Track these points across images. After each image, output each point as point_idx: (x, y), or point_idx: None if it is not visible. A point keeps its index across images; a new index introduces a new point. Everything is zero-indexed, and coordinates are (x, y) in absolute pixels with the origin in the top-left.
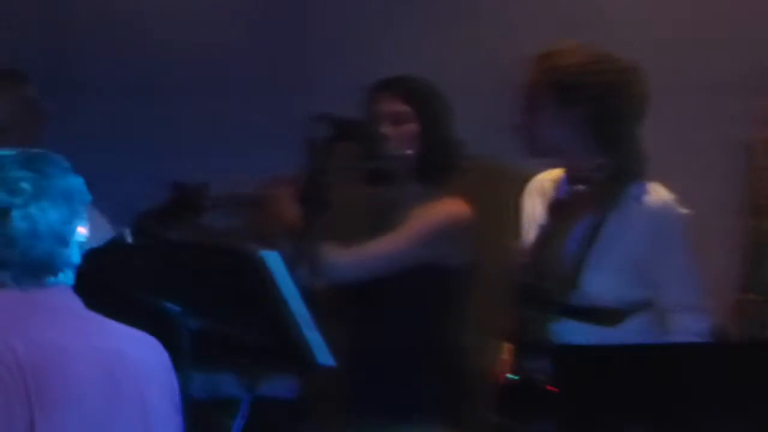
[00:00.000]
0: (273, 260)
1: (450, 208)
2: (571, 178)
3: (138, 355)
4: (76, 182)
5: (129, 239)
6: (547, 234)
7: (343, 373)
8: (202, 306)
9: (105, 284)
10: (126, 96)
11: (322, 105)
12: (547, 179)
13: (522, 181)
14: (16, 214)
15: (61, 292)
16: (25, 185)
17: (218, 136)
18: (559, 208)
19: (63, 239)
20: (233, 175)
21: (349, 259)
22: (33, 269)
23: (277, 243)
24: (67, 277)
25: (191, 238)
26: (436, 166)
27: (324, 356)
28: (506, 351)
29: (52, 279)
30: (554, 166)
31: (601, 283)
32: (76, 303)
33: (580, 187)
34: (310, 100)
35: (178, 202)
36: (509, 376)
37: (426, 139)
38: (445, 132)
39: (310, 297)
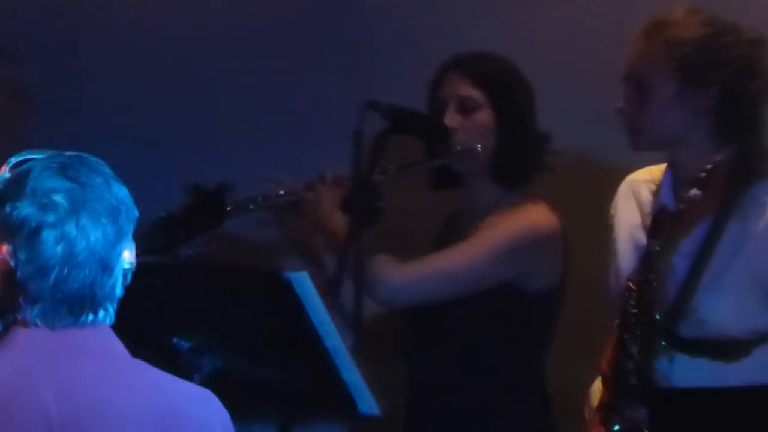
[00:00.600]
0: (302, 284)
1: (533, 216)
2: (681, 178)
3: (196, 414)
4: (122, 193)
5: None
6: (649, 248)
7: (402, 418)
8: (219, 341)
9: None
10: (134, 83)
11: (377, 90)
12: (642, 180)
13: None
14: (48, 234)
15: (101, 334)
16: (60, 198)
17: (247, 128)
18: (664, 215)
19: (107, 266)
20: (264, 174)
21: (407, 277)
22: (69, 304)
23: (317, 258)
24: (109, 314)
25: (206, 253)
26: (516, 164)
27: (367, 403)
28: (601, 394)
29: (91, 317)
30: (660, 162)
31: (719, 309)
32: (119, 347)
33: (694, 191)
34: (360, 84)
35: (195, 209)
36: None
37: (502, 130)
38: (526, 122)
39: (357, 325)
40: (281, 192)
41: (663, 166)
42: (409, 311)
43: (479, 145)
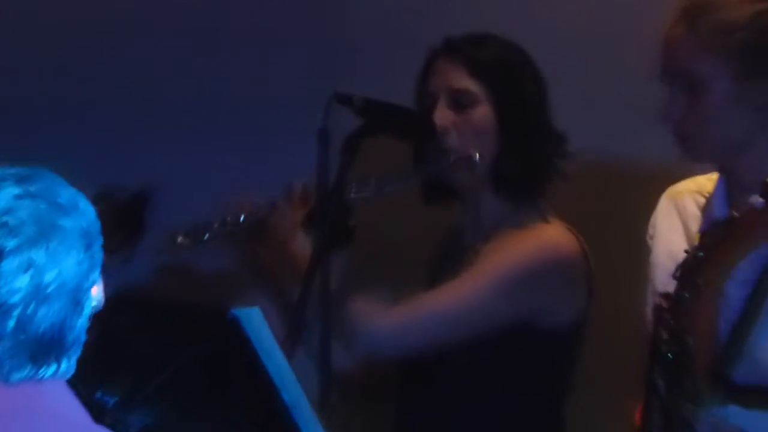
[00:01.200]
0: (252, 322)
1: (547, 238)
2: (740, 189)
3: None
4: (92, 214)
5: None
6: (688, 257)
7: None
8: (151, 393)
9: None
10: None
11: (351, 81)
12: (687, 191)
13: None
14: (9, 263)
15: (61, 392)
16: (25, 217)
17: (198, 125)
18: (716, 234)
19: (78, 302)
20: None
21: (392, 325)
22: (32, 350)
23: (284, 294)
24: (71, 367)
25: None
26: (523, 173)
27: None
28: None
29: (53, 368)
30: (709, 170)
31: None
32: (79, 411)
33: (758, 200)
34: (331, 74)
35: (108, 221)
36: None
37: (505, 131)
38: (535, 120)
39: (324, 372)
40: (242, 217)
41: (713, 176)
42: (399, 362)
43: (477, 153)
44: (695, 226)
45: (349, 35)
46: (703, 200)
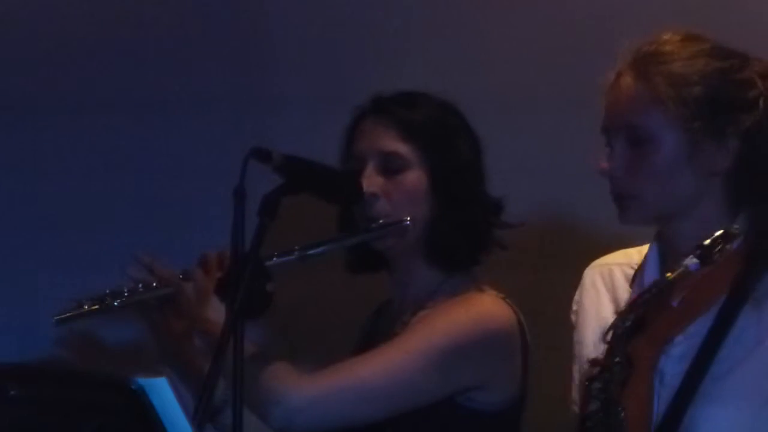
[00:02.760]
0: (159, 393)
1: (480, 308)
2: (673, 257)
3: None
4: None
5: None
6: (616, 325)
7: None
8: None
9: None
10: None
11: (271, 137)
12: (614, 264)
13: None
14: None
15: None
16: None
17: (100, 184)
18: (647, 299)
19: None
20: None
21: (310, 394)
22: None
23: (195, 369)
24: None
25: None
26: (456, 241)
27: None
28: None
29: None
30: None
31: (721, 425)
32: None
33: (693, 261)
34: (250, 127)
35: None
36: None
37: (438, 197)
38: (469, 185)
39: None
40: (153, 284)
41: (643, 248)
42: None
43: (407, 218)
44: (625, 297)
45: (271, 87)
46: (631, 272)
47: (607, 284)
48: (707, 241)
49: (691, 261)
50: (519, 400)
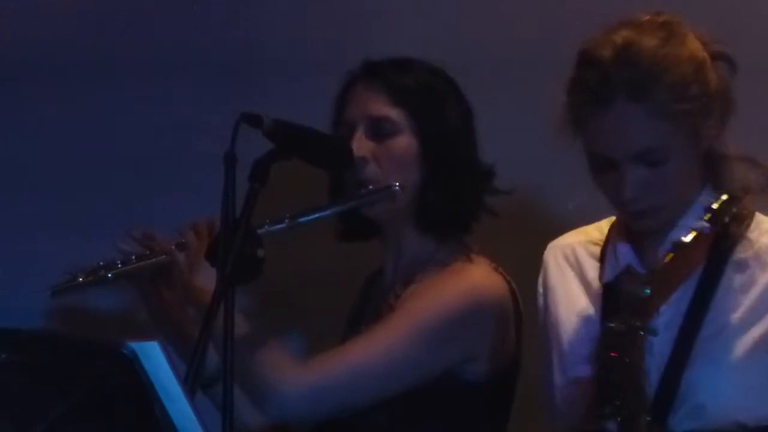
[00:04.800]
0: (151, 357)
1: (471, 279)
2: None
3: None
4: None
5: None
6: (618, 319)
7: None
8: None
9: None
10: None
11: (260, 102)
12: (576, 242)
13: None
14: None
15: None
16: None
17: (93, 155)
18: (628, 279)
19: None
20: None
21: (306, 383)
22: None
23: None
24: None
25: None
26: (446, 208)
27: None
28: None
29: None
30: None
31: (722, 389)
32: None
33: (682, 239)
34: (239, 94)
35: None
36: None
37: (428, 162)
38: (460, 151)
39: (225, 421)
40: (147, 253)
41: (600, 224)
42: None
43: (397, 183)
44: (594, 275)
45: (259, 56)
46: (596, 248)
47: (571, 262)
48: (715, 205)
49: (702, 224)
50: (513, 370)
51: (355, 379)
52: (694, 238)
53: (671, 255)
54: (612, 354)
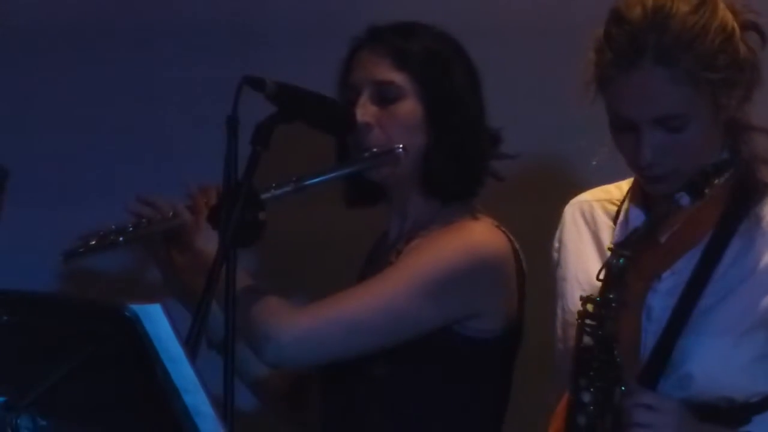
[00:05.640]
0: (154, 320)
1: (474, 236)
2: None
3: None
4: None
5: None
6: (610, 261)
7: None
8: (42, 395)
9: None
10: None
11: (263, 66)
12: (595, 200)
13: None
14: None
15: None
16: None
17: (94, 120)
18: (636, 241)
19: None
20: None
21: (301, 328)
22: None
23: (191, 297)
24: None
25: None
26: (451, 171)
27: None
28: None
29: None
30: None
31: (712, 360)
32: None
33: (684, 197)
34: (241, 58)
35: None
36: None
37: (433, 126)
38: (465, 115)
39: (226, 379)
40: (158, 217)
41: (621, 184)
42: (313, 370)
43: (401, 146)
44: (607, 235)
45: (260, 18)
46: (613, 208)
47: (588, 220)
48: (696, 176)
49: (681, 196)
50: (515, 327)
51: (350, 326)
52: (704, 206)
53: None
54: (588, 324)
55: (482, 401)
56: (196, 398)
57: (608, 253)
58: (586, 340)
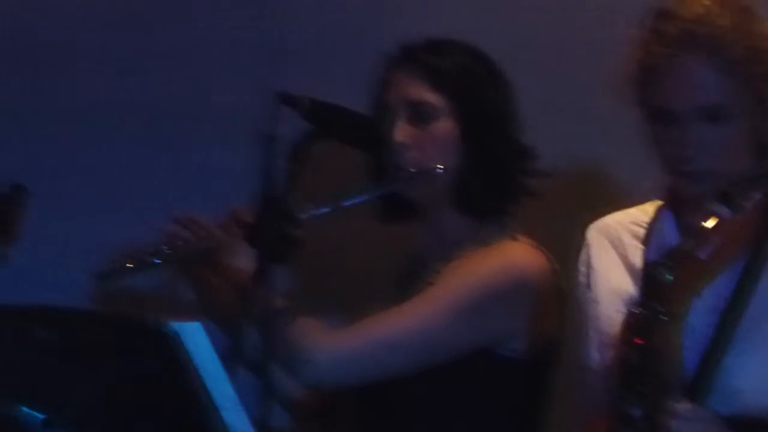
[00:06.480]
0: (193, 337)
1: (511, 257)
2: (692, 209)
3: None
4: None
5: None
6: (655, 275)
7: None
8: (82, 411)
9: None
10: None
11: (298, 83)
12: (619, 223)
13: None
14: None
15: None
16: None
17: (131, 132)
18: (680, 257)
19: None
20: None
21: (339, 351)
22: None
23: (226, 316)
24: None
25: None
26: (487, 189)
27: None
28: None
29: None
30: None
31: (755, 376)
32: None
33: (723, 211)
34: (276, 74)
35: None
36: None
37: (469, 146)
38: (501, 134)
39: (265, 397)
40: (193, 238)
41: (647, 206)
42: (349, 392)
43: (440, 166)
44: (637, 257)
45: (295, 37)
46: (639, 230)
47: (614, 242)
48: (731, 188)
49: (720, 208)
50: (553, 348)
51: (389, 348)
52: (742, 221)
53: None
54: (636, 341)
55: (520, 419)
56: (235, 416)
57: (643, 272)
58: (632, 355)
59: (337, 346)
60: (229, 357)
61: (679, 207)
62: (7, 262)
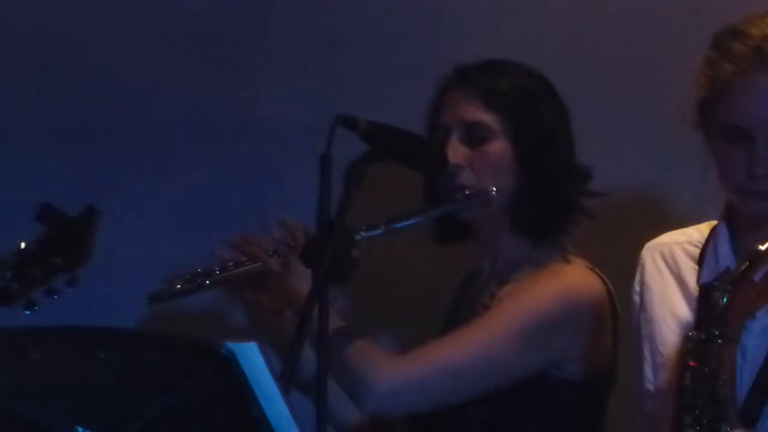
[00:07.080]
0: (250, 358)
1: (568, 280)
2: (744, 236)
3: None
4: None
5: None
6: (711, 297)
7: None
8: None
9: None
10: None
11: (355, 104)
12: (674, 243)
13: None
14: None
15: None
16: None
17: (187, 152)
18: (736, 280)
19: None
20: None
21: (401, 379)
22: None
23: (279, 337)
24: None
25: None
26: (542, 210)
27: None
28: None
29: None
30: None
31: None
32: None
33: (758, 248)
34: (333, 95)
35: (52, 240)
36: None
37: (523, 166)
38: (555, 154)
39: (325, 421)
40: (244, 259)
41: (702, 226)
42: (408, 418)
43: (494, 189)
44: (691, 276)
45: (352, 56)
46: (695, 250)
47: (669, 263)
48: None
49: None
50: (609, 370)
51: (450, 375)
52: None
53: (747, 263)
54: (691, 364)
55: None
56: None
57: (698, 294)
58: (687, 378)
59: (399, 374)
60: (284, 378)
61: (737, 228)
62: (78, 284)
